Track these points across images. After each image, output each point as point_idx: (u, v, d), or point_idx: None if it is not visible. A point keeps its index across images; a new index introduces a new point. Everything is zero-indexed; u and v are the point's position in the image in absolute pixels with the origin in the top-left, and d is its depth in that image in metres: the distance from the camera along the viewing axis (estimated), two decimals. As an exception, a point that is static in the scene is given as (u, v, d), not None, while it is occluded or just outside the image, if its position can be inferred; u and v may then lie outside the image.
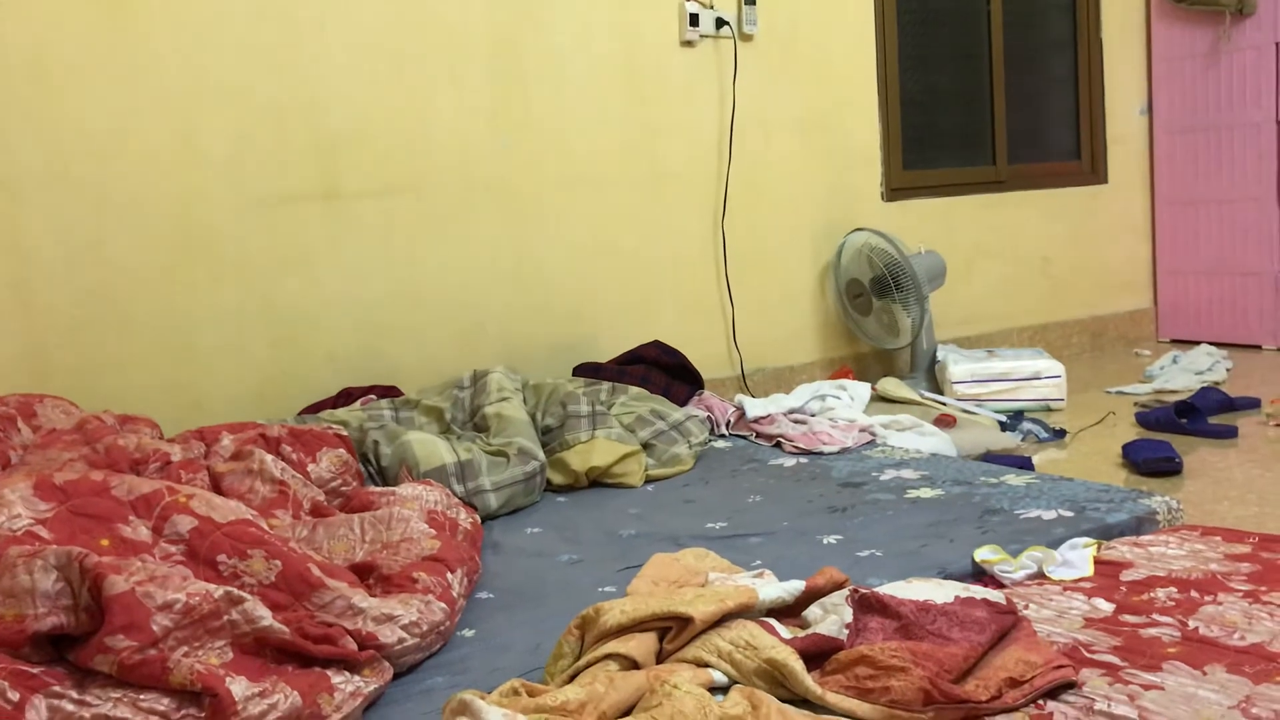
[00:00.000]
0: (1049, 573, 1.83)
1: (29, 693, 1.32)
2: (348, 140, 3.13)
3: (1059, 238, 4.70)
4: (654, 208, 3.67)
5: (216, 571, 1.61)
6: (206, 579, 1.56)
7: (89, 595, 1.43)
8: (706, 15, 3.69)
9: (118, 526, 1.62)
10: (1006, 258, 4.55)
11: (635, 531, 2.30)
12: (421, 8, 3.21)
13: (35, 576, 1.44)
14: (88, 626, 1.43)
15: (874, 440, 2.96)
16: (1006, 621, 1.54)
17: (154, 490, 1.71)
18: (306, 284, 3.10)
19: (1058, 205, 4.70)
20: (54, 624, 1.43)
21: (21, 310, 2.75)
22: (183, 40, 2.89)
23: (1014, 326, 4.58)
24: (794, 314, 4.03)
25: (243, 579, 1.61)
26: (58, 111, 2.76)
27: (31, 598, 1.43)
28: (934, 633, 1.49)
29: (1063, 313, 4.73)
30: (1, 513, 1.56)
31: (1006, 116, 4.59)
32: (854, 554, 2.03)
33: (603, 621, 1.49)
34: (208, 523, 1.67)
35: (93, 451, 2.16)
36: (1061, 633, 1.58)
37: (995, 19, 4.53)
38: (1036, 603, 1.71)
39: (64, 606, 1.44)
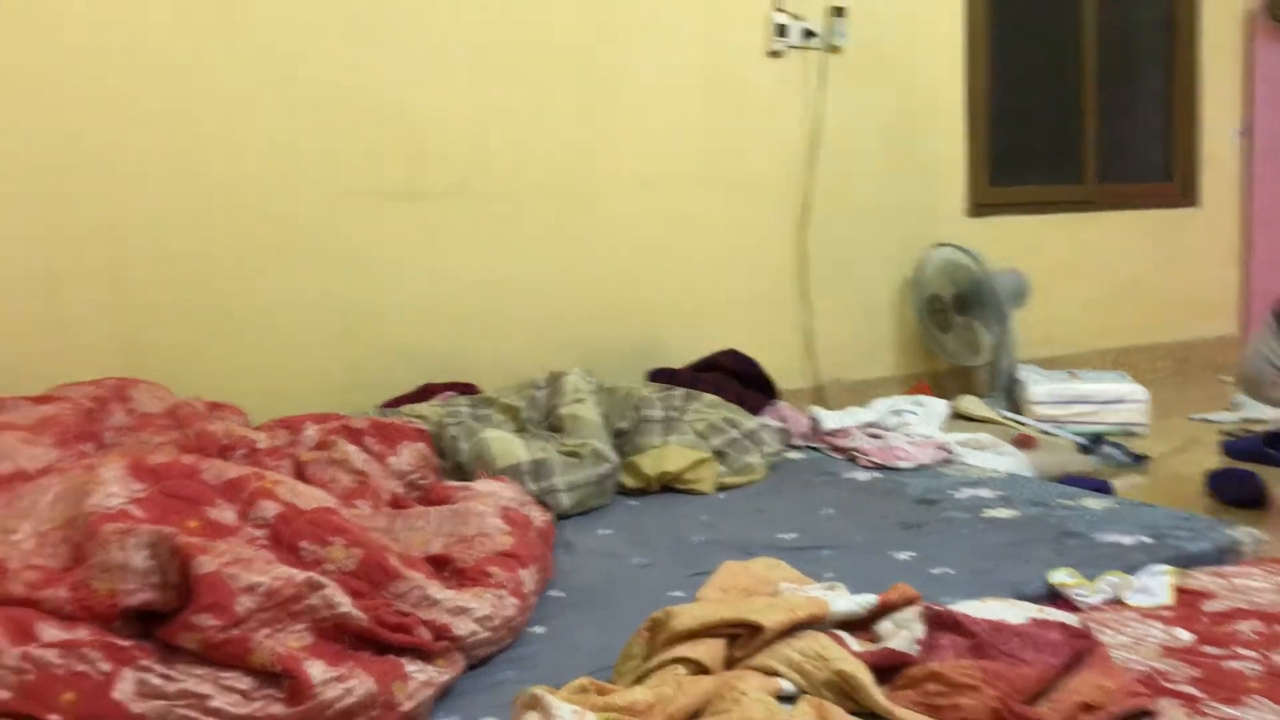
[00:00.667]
0: (1127, 599, 1.80)
1: (119, 665, 1.37)
2: (434, 141, 3.18)
3: (1146, 259, 4.61)
4: (735, 215, 3.68)
5: (298, 557, 1.65)
6: (288, 564, 1.59)
7: (177, 574, 1.48)
8: (795, 26, 3.68)
9: (206, 509, 1.67)
10: (1092, 278, 4.47)
11: (705, 538, 2.31)
12: (510, 13, 3.26)
13: (128, 553, 1.49)
14: (175, 604, 1.47)
15: (950, 458, 2.93)
16: (1081, 646, 1.52)
17: (241, 475, 1.75)
18: (391, 280, 3.16)
19: (1146, 226, 4.60)
20: (144, 600, 1.48)
21: (118, 296, 2.84)
22: (282, 38, 2.96)
23: (1097, 348, 4.49)
24: (872, 327, 4.00)
25: (323, 565, 1.64)
26: (159, 102, 2.84)
27: (124, 573, 1.48)
28: (1007, 653, 1.48)
29: (1148, 336, 4.63)
30: (98, 491, 1.62)
31: (1097, 135, 4.51)
32: (927, 571, 2.02)
33: (673, 625, 1.50)
34: (291, 509, 1.71)
35: (183, 436, 2.23)
36: (1138, 660, 1.55)
37: (1088, 35, 4.46)
38: (1112, 629, 1.68)
39: (153, 584, 1.49)
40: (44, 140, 2.73)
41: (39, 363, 2.68)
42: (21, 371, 2.63)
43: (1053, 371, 3.95)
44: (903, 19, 3.93)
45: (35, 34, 2.70)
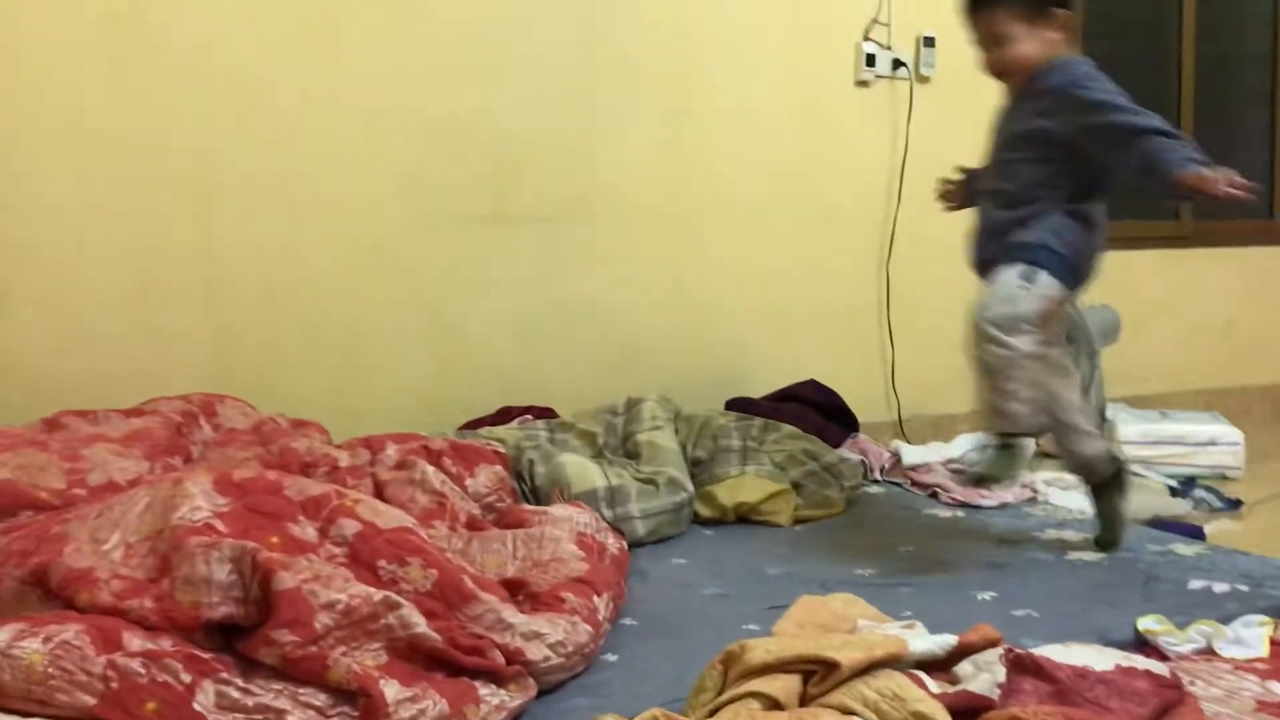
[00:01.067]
0: (1219, 649, 1.74)
1: (200, 677, 1.39)
2: (520, 163, 3.21)
3: (1244, 298, 4.47)
4: (817, 245, 3.65)
5: (376, 576, 1.67)
6: (366, 582, 1.61)
7: (259, 588, 1.50)
8: (883, 56, 3.66)
9: (287, 525, 1.69)
10: (1186, 317, 4.35)
11: (781, 571, 2.28)
12: (599, 36, 3.28)
13: (211, 567, 1.52)
14: (255, 618, 1.50)
15: (1035, 497, 2.86)
16: (1170, 696, 1.47)
17: (323, 493, 1.78)
18: (472, 301, 3.19)
19: (1244, 264, 4.47)
20: (225, 613, 1.50)
21: (210, 311, 2.91)
22: (373, 59, 3.02)
23: (1190, 389, 4.36)
24: (957, 361, 3.89)
25: (400, 585, 1.66)
26: (255, 121, 2.92)
27: (207, 586, 1.51)
28: (1091, 700, 1.44)
29: (1244, 378, 4.49)
30: (184, 504, 1.65)
31: (1194, 170, 4.40)
32: (1009, 612, 1.97)
33: (747, 659, 1.48)
34: (371, 528, 1.73)
35: (267, 452, 2.27)
36: (1230, 715, 1.50)
37: (1186, 68, 4.36)
38: (1204, 680, 1.62)
39: (235, 598, 1.51)
40: (143, 160, 2.81)
41: (133, 376, 2.76)
42: (117, 384, 2.71)
43: (1143, 411, 3.85)
44: (994, 50, 3.88)
45: (136, 58, 2.79)
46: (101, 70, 2.76)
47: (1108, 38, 4.19)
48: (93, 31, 2.75)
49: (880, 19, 3.66)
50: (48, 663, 1.37)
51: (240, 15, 2.87)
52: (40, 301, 2.74)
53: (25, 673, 1.36)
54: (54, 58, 2.72)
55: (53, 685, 1.36)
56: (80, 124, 2.75)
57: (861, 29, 3.64)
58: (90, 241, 2.78)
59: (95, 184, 2.78)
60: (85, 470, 2.04)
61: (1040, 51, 2.35)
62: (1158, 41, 4.36)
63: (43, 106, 2.71)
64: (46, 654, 1.38)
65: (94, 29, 2.75)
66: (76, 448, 2.13)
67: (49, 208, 2.74)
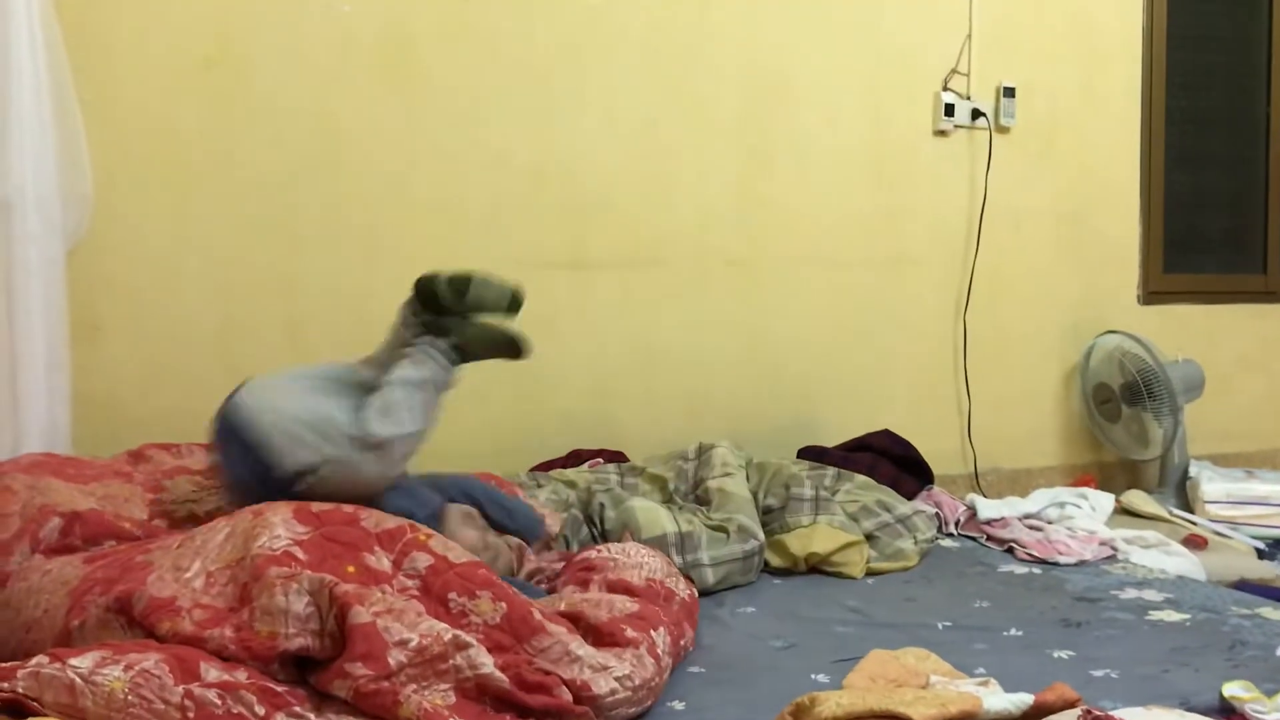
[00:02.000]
0: (1310, 719, 1.67)
1: (273, 709, 1.41)
2: (596, 208, 3.25)
3: (1334, 355, 4.34)
4: (892, 293, 3.63)
5: (447, 609, 1.69)
6: (437, 615, 1.63)
7: (334, 622, 1.52)
8: (962, 105, 3.64)
9: (363, 555, 1.72)
10: (1273, 373, 4.24)
11: (852, 623, 2.25)
12: (675, 82, 3.31)
13: (290, 599, 1.55)
14: (330, 651, 1.52)
15: (1115, 555, 2.80)
16: (1258, 767, 1.42)
17: (398, 526, 1.81)
18: (548, 345, 3.19)
19: (1335, 320, 4.35)
20: (301, 645, 1.52)
21: (293, 349, 2.96)
22: (453, 104, 3.08)
23: (1277, 448, 4.24)
24: (1034, 414, 3.87)
25: (470, 618, 1.67)
26: (340, 166, 2.99)
27: (284, 618, 1.53)
28: (1175, 769, 1.39)
29: (1336, 437, 4.35)
30: (264, 533, 1.69)
31: (1283, 224, 4.30)
32: (1087, 672, 1.92)
33: (818, 711, 1.46)
34: (443, 561, 1.76)
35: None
36: (1323, 788, 1.44)
37: (1276, 120, 4.27)
38: (1294, 751, 1.56)
39: (312, 630, 1.54)
40: (232, 202, 2.90)
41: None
42: (199, 419, 2.75)
43: (1228, 469, 3.74)
44: (1075, 98, 3.85)
45: (227, 103, 2.88)
46: (194, 114, 2.86)
47: (1194, 86, 4.13)
48: (187, 76, 2.84)
49: (960, 69, 3.65)
50: (128, 690, 1.40)
51: (326, 61, 2.96)
52: (130, 337, 2.82)
53: (106, 700, 1.39)
54: (150, 101, 2.82)
55: (132, 713, 1.39)
56: (173, 166, 2.85)
57: (940, 79, 3.64)
58: (180, 280, 2.86)
59: (186, 224, 2.86)
60: (168, 502, 2.09)
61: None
62: (1246, 90, 4.28)
63: (138, 149, 2.81)
64: (127, 682, 1.41)
65: (188, 74, 2.84)
66: (159, 479, 2.19)
67: (142, 247, 2.83)
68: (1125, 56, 3.95)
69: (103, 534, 1.96)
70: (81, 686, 1.40)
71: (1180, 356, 3.77)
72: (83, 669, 1.42)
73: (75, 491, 2.04)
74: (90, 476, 2.14)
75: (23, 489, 2.00)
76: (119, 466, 2.25)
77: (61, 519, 1.93)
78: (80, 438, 2.65)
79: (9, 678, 1.44)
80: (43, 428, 2.48)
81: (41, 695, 1.42)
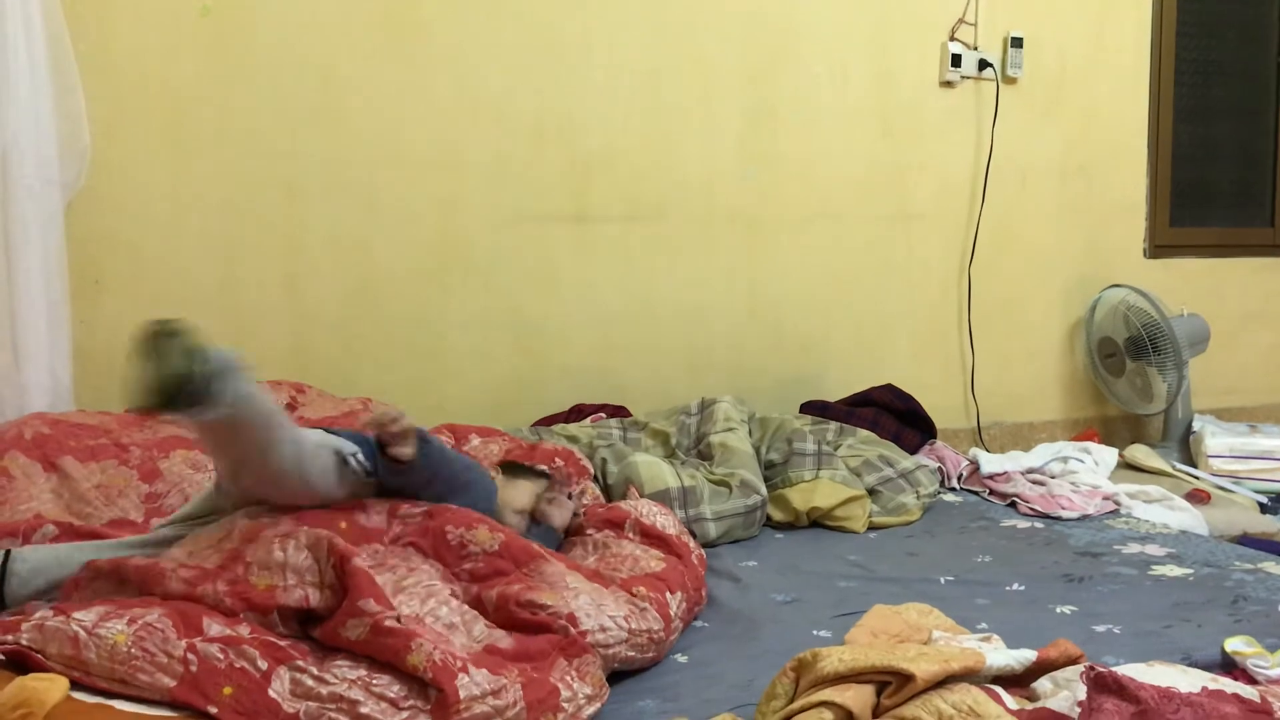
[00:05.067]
0: (1312, 675, 1.67)
1: (276, 663, 1.42)
2: (599, 161, 3.22)
3: (1341, 310, 4.32)
4: (896, 248, 3.61)
5: (445, 540, 1.73)
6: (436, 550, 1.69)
7: (334, 573, 1.53)
8: (969, 56, 3.60)
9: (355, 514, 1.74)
10: (1278, 327, 4.22)
11: (854, 578, 2.26)
12: (681, 36, 3.27)
13: (288, 553, 1.55)
14: (330, 603, 1.52)
15: (1118, 510, 2.80)
16: (1260, 722, 1.42)
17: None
18: (550, 299, 3.20)
19: (1343, 274, 4.32)
20: (300, 596, 1.53)
21: (292, 303, 2.96)
22: (454, 58, 3.05)
23: (1282, 402, 4.24)
24: (1038, 368, 3.86)
25: (469, 548, 1.71)
26: (340, 120, 2.96)
27: (282, 570, 1.54)
28: (1176, 724, 1.39)
29: (1340, 391, 4.34)
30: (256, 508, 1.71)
31: (1291, 176, 4.26)
32: (1089, 628, 1.92)
33: (820, 667, 1.46)
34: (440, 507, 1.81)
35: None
36: (1323, 743, 1.44)
37: (1287, 71, 4.23)
38: (1295, 706, 1.56)
39: (311, 582, 1.54)
40: (231, 155, 2.87)
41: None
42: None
43: (1232, 424, 3.74)
44: (1084, 49, 3.80)
45: (225, 54, 2.85)
46: (192, 66, 2.82)
47: (1202, 38, 4.08)
48: (184, 27, 2.81)
49: (967, 19, 3.60)
50: (131, 643, 1.40)
51: (326, 14, 2.92)
52: (130, 291, 2.81)
53: (110, 651, 1.39)
54: (147, 53, 2.78)
55: (135, 665, 1.39)
56: (171, 118, 2.82)
57: (947, 29, 3.59)
58: (179, 234, 2.84)
59: (185, 178, 2.84)
60: (162, 494, 2.08)
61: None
62: (1254, 43, 4.22)
63: (135, 101, 2.78)
64: (130, 634, 1.41)
65: (185, 25, 2.81)
66: (155, 457, 2.16)
67: (141, 200, 2.81)
68: (1134, 6, 3.89)
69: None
70: (85, 639, 1.41)
71: (1185, 310, 3.75)
72: (86, 622, 1.43)
73: (67, 490, 2.02)
74: (90, 452, 2.12)
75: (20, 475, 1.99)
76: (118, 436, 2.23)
77: (56, 527, 1.92)
78: (83, 392, 2.65)
79: (14, 630, 1.45)
80: (46, 385, 2.47)
81: (45, 648, 1.42)
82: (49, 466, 2.05)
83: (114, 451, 2.13)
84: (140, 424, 2.32)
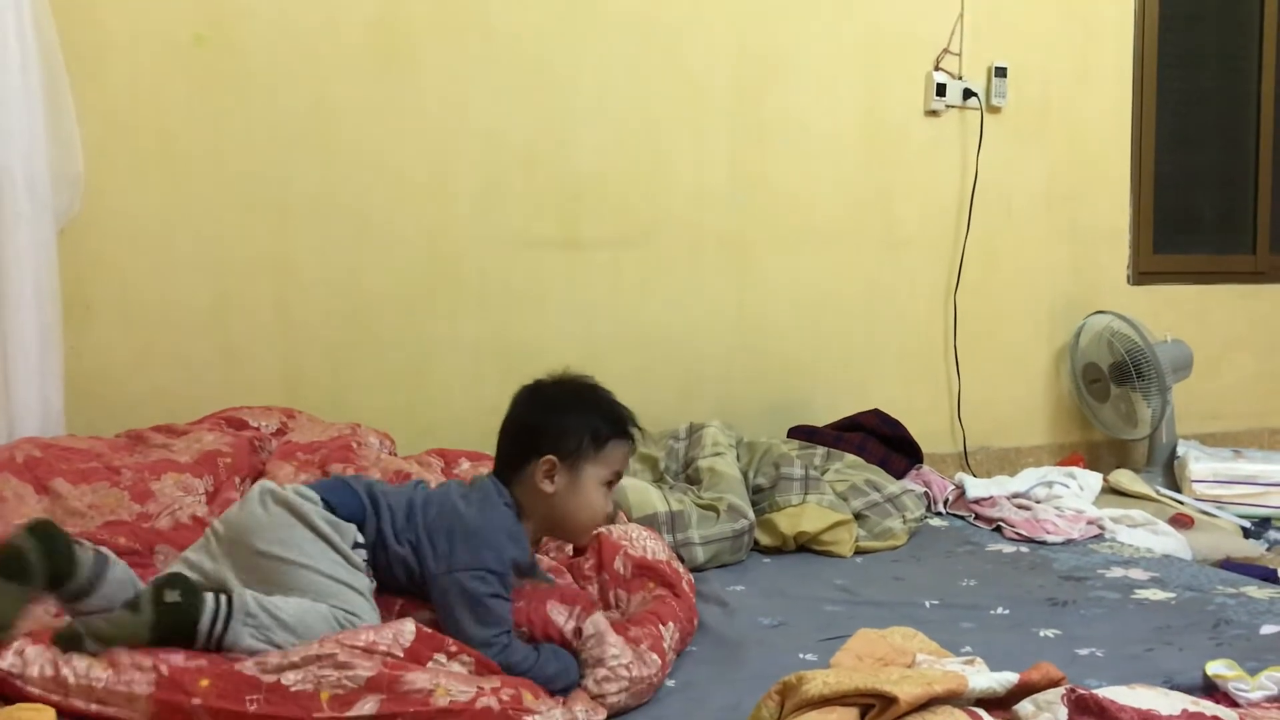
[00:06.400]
0: (1291, 698, 1.69)
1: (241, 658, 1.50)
2: (589, 185, 3.24)
3: (1323, 335, 4.37)
4: (883, 273, 3.64)
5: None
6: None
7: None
8: (954, 86, 3.64)
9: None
10: (1261, 353, 4.26)
11: (840, 602, 2.27)
12: (669, 60, 3.31)
13: None
14: None
15: (1102, 534, 2.82)
16: (1239, 745, 1.44)
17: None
18: (539, 323, 3.22)
19: (1324, 301, 4.37)
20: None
21: (282, 328, 2.97)
22: (444, 83, 3.07)
23: (1265, 427, 4.27)
24: (1024, 394, 3.89)
25: None
26: (331, 144, 2.98)
27: None
28: (1156, 746, 1.41)
29: (1322, 417, 4.38)
30: None
31: (1272, 203, 4.32)
32: (1072, 651, 1.94)
33: (804, 690, 1.47)
34: None
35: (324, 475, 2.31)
36: (1302, 765, 1.46)
37: (1266, 100, 4.28)
38: (1274, 729, 1.58)
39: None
40: (223, 180, 2.89)
41: (206, 392, 2.82)
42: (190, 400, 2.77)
43: (1216, 449, 3.77)
44: (1067, 79, 3.85)
45: (218, 80, 2.87)
46: (185, 92, 2.84)
47: (1185, 69, 4.14)
48: (177, 52, 2.83)
49: (951, 49, 3.65)
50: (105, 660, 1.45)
51: (318, 39, 2.94)
52: (121, 317, 2.82)
53: (86, 668, 1.43)
54: (141, 80, 2.80)
55: (110, 678, 1.43)
56: (163, 143, 2.84)
57: (932, 59, 3.64)
58: (171, 259, 2.86)
59: (176, 202, 2.85)
60: (153, 515, 2.08)
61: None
62: (1236, 73, 4.29)
63: (127, 125, 2.80)
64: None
65: (178, 50, 2.83)
66: (147, 479, 2.16)
67: (132, 225, 2.82)
68: (1117, 36, 3.95)
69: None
70: (63, 658, 1.44)
71: (1169, 337, 3.79)
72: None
73: (60, 508, 2.02)
74: (82, 475, 2.13)
75: (11, 497, 2.00)
76: (110, 459, 2.23)
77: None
78: (73, 418, 2.65)
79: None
80: (36, 410, 2.47)
81: (25, 671, 1.43)
82: (41, 489, 2.05)
83: (105, 474, 2.13)
84: (131, 448, 2.33)
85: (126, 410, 2.71)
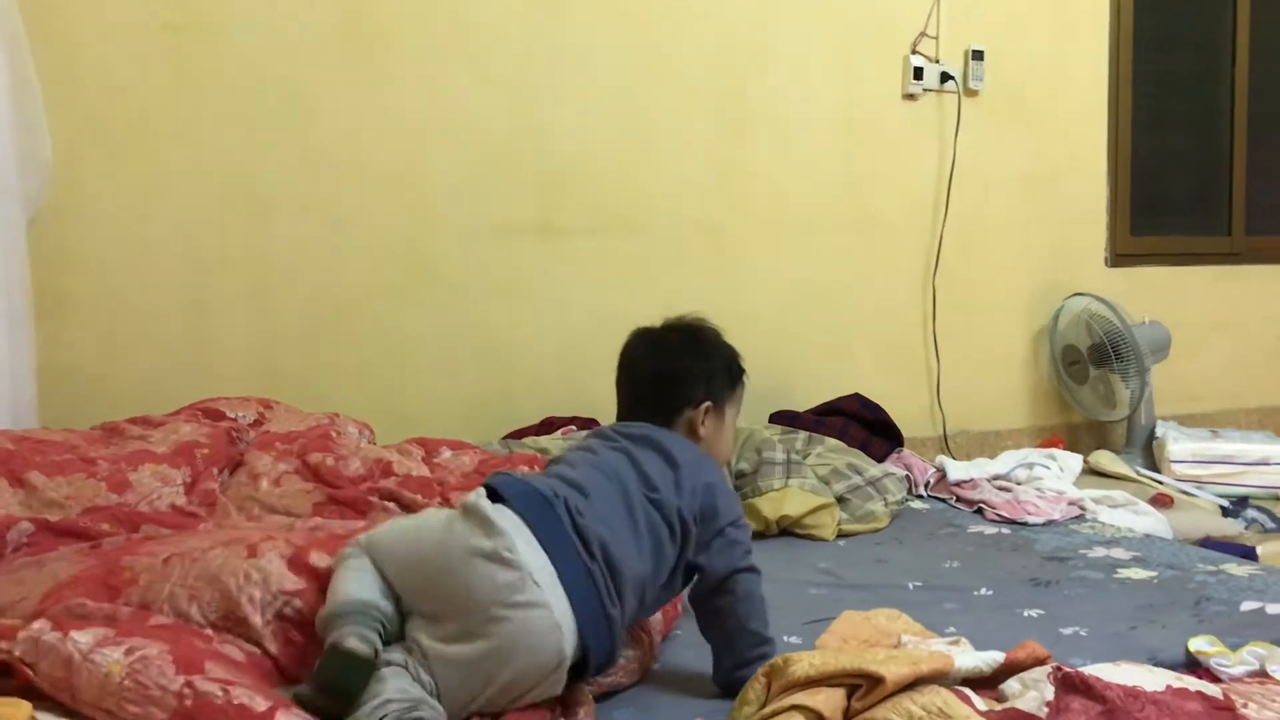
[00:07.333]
0: (1273, 671, 1.70)
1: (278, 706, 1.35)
2: (568, 174, 3.23)
3: (1298, 316, 4.40)
4: (863, 258, 3.64)
5: None
6: None
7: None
8: (931, 69, 3.64)
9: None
10: (1238, 334, 4.29)
11: (824, 585, 2.27)
12: (649, 47, 3.30)
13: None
14: None
15: (1083, 515, 2.83)
16: (1222, 718, 1.44)
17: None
18: (517, 312, 3.21)
19: (1299, 281, 4.40)
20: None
21: (259, 319, 2.94)
22: (420, 71, 3.05)
23: (1242, 407, 4.30)
24: (1003, 377, 3.90)
25: None
26: (306, 135, 2.95)
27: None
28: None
29: (1298, 396, 4.41)
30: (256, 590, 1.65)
31: (1247, 185, 4.34)
32: (1057, 630, 1.95)
33: (791, 672, 1.47)
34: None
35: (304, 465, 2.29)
36: (1285, 738, 1.46)
37: (1240, 82, 4.30)
38: (1257, 702, 1.58)
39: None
40: (198, 171, 2.86)
41: (184, 384, 2.78)
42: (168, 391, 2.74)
43: (1194, 430, 3.80)
44: (1044, 62, 3.86)
45: (193, 70, 2.84)
46: (157, 80, 2.81)
47: (1160, 52, 4.15)
48: (151, 42, 2.79)
49: (928, 32, 3.65)
50: (125, 674, 1.35)
51: (291, 29, 2.91)
52: (97, 308, 2.78)
53: (101, 680, 1.34)
54: (111, 67, 2.77)
55: (125, 698, 1.33)
56: (137, 134, 2.80)
57: (909, 42, 3.63)
58: (144, 250, 2.82)
59: (150, 194, 2.82)
60: (132, 505, 2.04)
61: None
62: (1211, 57, 4.30)
63: (100, 116, 2.77)
64: (126, 665, 1.35)
65: (152, 40, 2.79)
66: (124, 470, 2.13)
67: (106, 216, 2.79)
68: (1093, 19, 3.96)
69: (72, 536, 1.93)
70: (79, 662, 1.36)
71: (1147, 318, 3.81)
72: (83, 645, 1.37)
73: (36, 500, 2.00)
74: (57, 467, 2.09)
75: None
76: (85, 451, 2.20)
77: (32, 524, 1.89)
78: (47, 411, 2.62)
79: (9, 637, 1.40)
80: (6, 402, 2.44)
81: (37, 663, 1.38)
82: (15, 482, 2.01)
83: (81, 466, 2.10)
84: (107, 440, 2.30)
85: (102, 403, 2.67)
